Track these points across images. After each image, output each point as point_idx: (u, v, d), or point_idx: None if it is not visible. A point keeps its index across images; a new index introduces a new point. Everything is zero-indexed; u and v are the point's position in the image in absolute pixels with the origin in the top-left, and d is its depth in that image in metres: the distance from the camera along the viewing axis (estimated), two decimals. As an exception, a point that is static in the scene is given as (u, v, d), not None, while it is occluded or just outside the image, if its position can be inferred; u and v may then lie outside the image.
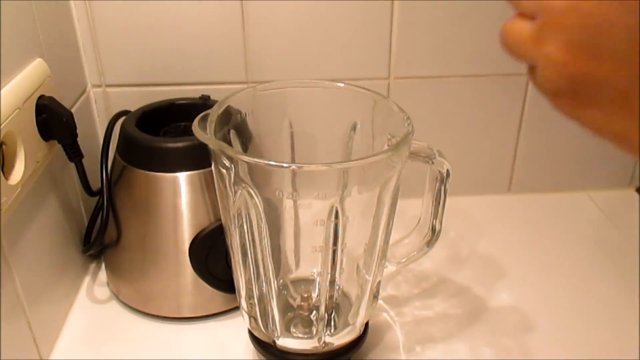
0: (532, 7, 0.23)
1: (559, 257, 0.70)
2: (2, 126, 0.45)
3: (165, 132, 0.63)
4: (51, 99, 0.53)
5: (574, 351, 0.57)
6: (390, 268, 0.54)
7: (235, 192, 0.45)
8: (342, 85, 0.51)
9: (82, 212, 0.66)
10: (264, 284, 0.49)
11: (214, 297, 0.60)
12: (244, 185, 0.44)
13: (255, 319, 0.51)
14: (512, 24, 0.26)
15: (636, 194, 0.83)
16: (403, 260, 0.54)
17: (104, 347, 0.58)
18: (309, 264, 0.54)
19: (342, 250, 0.47)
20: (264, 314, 0.50)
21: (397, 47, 0.70)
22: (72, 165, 0.58)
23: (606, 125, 0.24)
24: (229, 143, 0.50)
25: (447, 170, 0.49)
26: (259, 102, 0.52)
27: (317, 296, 0.52)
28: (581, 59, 0.22)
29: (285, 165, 0.42)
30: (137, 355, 0.56)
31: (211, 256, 0.57)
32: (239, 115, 0.51)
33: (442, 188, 0.50)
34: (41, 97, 0.53)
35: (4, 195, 0.46)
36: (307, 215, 0.46)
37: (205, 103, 0.64)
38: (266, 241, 0.46)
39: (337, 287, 0.51)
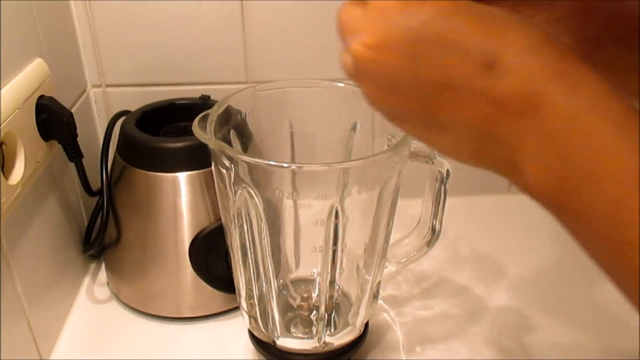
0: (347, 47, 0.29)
1: (558, 257, 0.70)
2: (2, 126, 0.45)
3: (165, 132, 0.63)
4: (51, 99, 0.53)
5: (573, 351, 0.57)
6: (390, 268, 0.54)
7: (235, 192, 0.45)
8: (342, 85, 0.51)
9: (82, 212, 0.66)
10: (264, 284, 0.49)
11: (214, 297, 0.60)
12: (244, 185, 0.44)
13: (255, 319, 0.51)
14: (343, 57, 0.30)
15: (636, 194, 0.83)
16: (403, 260, 0.54)
17: (104, 347, 0.58)
18: (309, 264, 0.54)
19: (342, 250, 0.47)
20: (264, 314, 0.50)
21: (397, 47, 0.69)
22: (72, 165, 0.58)
23: (435, 140, 0.29)
24: (229, 143, 0.50)
25: (447, 170, 0.49)
26: (259, 102, 0.52)
27: (317, 296, 0.52)
28: (387, 97, 0.28)
29: (285, 165, 0.42)
30: (137, 355, 0.56)
31: (211, 256, 0.57)
32: (239, 115, 0.51)
33: (442, 188, 0.50)
34: (41, 97, 0.53)
35: (4, 195, 0.46)
36: (307, 215, 0.46)
37: (205, 103, 0.64)
38: (266, 241, 0.46)
39: (337, 287, 0.51)
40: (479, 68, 0.25)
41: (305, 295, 0.53)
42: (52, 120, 0.53)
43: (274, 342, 0.51)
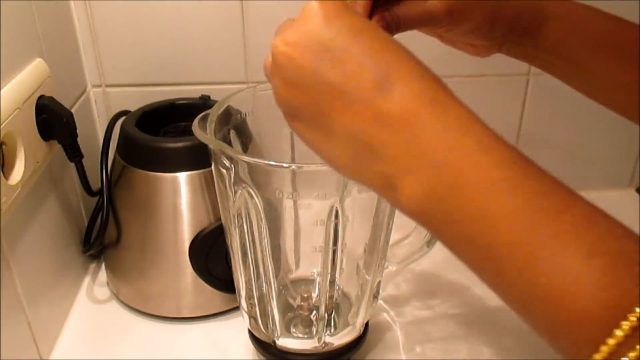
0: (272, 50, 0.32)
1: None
2: (2, 126, 0.45)
3: (165, 132, 0.63)
4: (51, 99, 0.53)
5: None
6: (390, 268, 0.54)
7: (235, 192, 0.45)
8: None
9: (82, 212, 0.66)
10: (264, 284, 0.49)
11: (214, 297, 0.60)
12: (244, 185, 0.44)
13: (255, 319, 0.51)
14: (267, 57, 0.34)
15: (636, 194, 0.83)
16: (403, 260, 0.54)
17: (104, 347, 0.58)
18: (309, 264, 0.54)
19: (342, 250, 0.47)
20: (264, 314, 0.50)
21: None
22: (72, 165, 0.58)
23: (321, 143, 0.32)
24: (229, 143, 0.50)
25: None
26: (259, 102, 0.52)
27: (317, 296, 0.52)
28: (290, 90, 0.31)
29: (285, 165, 0.42)
30: (137, 355, 0.56)
31: (211, 256, 0.57)
32: (239, 115, 0.51)
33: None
34: (41, 97, 0.53)
35: (4, 195, 0.46)
36: (307, 215, 0.46)
37: (205, 103, 0.64)
38: (266, 241, 0.46)
39: (337, 287, 0.51)
40: (371, 82, 0.29)
41: (305, 295, 0.53)
42: (52, 120, 0.53)
43: (274, 342, 0.51)
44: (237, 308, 0.61)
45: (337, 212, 0.44)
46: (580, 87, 0.46)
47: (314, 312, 0.53)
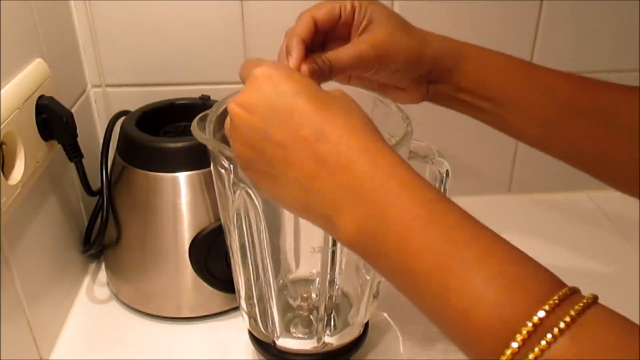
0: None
1: (558, 257, 0.70)
2: (2, 126, 0.45)
3: (165, 132, 0.63)
4: (51, 99, 0.53)
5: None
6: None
7: (234, 193, 0.45)
8: (341, 86, 0.51)
9: (82, 212, 0.66)
10: (264, 284, 0.49)
11: (214, 297, 0.60)
12: (242, 185, 0.44)
13: (255, 319, 0.51)
14: (227, 122, 0.38)
15: (636, 194, 0.83)
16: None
17: (104, 347, 0.58)
18: (309, 264, 0.54)
19: (341, 250, 0.47)
20: (264, 314, 0.50)
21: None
22: (72, 165, 0.58)
23: (273, 189, 0.36)
24: (228, 144, 0.49)
25: (447, 171, 0.49)
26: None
27: (317, 296, 0.52)
28: (244, 147, 0.36)
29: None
30: (137, 355, 0.57)
31: (211, 256, 0.57)
32: (239, 116, 0.51)
33: (442, 188, 0.50)
34: (41, 97, 0.53)
35: (4, 195, 0.46)
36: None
37: (205, 103, 0.64)
38: (266, 241, 0.46)
39: (337, 287, 0.51)
40: (310, 136, 0.33)
41: (305, 295, 0.53)
42: (52, 120, 0.53)
43: (274, 342, 0.51)
44: (237, 308, 0.61)
45: (336, 212, 0.44)
46: (500, 126, 0.50)
47: (314, 312, 0.53)
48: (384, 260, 0.32)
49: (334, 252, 0.46)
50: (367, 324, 0.54)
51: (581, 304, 0.27)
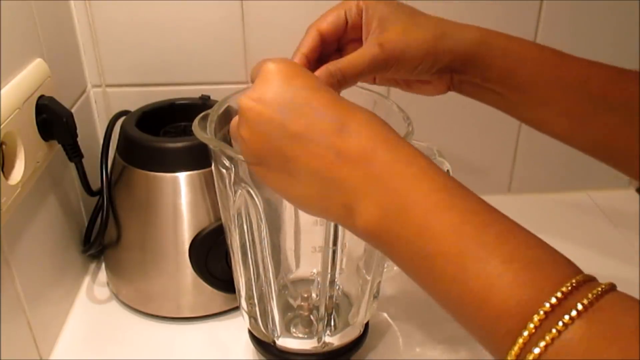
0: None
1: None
2: (2, 126, 0.45)
3: (165, 132, 0.63)
4: (51, 99, 0.53)
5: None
6: (390, 268, 0.54)
7: (235, 192, 0.45)
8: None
9: (82, 212, 0.66)
10: (264, 284, 0.49)
11: (214, 297, 0.60)
12: (244, 185, 0.44)
13: (255, 319, 0.51)
14: (233, 120, 0.39)
15: (636, 194, 0.83)
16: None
17: (104, 347, 0.58)
18: (309, 264, 0.54)
19: (342, 250, 0.47)
20: (264, 314, 0.50)
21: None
22: (72, 165, 0.58)
23: (285, 184, 0.36)
24: (229, 143, 0.49)
25: (447, 171, 0.49)
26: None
27: (317, 296, 0.52)
28: (257, 141, 0.36)
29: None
30: (137, 355, 0.56)
31: (211, 256, 0.57)
32: (239, 115, 0.51)
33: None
34: (41, 97, 0.53)
35: (4, 195, 0.46)
36: (307, 215, 0.46)
37: (205, 103, 0.64)
38: (266, 241, 0.46)
39: (337, 287, 0.51)
40: (331, 129, 0.34)
41: (305, 295, 0.53)
42: (52, 120, 0.53)
43: (274, 342, 0.51)
44: (237, 308, 0.61)
45: (337, 212, 0.44)
46: (525, 117, 0.49)
47: (314, 312, 0.53)
48: (402, 246, 0.32)
49: (334, 252, 0.46)
50: (367, 324, 0.54)
51: (599, 289, 0.27)
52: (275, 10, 0.68)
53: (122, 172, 0.59)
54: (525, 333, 0.27)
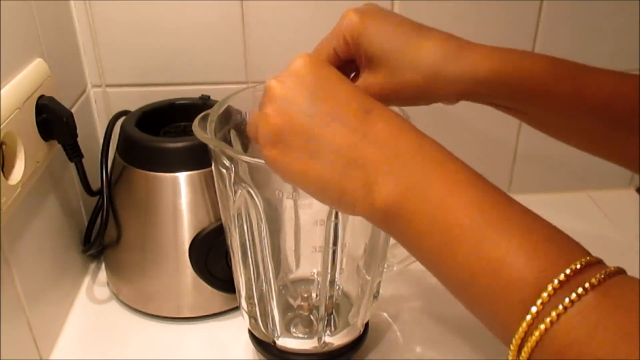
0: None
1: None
2: (2, 126, 0.45)
3: (165, 132, 0.63)
4: (51, 99, 0.53)
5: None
6: (390, 268, 0.54)
7: (235, 192, 0.45)
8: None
9: (82, 212, 0.66)
10: (264, 284, 0.49)
11: (214, 297, 0.60)
12: (244, 185, 0.44)
13: (255, 319, 0.51)
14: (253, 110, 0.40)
15: (636, 194, 0.83)
16: (403, 260, 0.54)
17: (104, 347, 0.58)
18: (309, 264, 0.54)
19: (342, 250, 0.47)
20: (264, 314, 0.50)
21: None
22: (72, 165, 0.58)
23: (302, 163, 0.36)
24: (229, 143, 0.50)
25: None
26: (259, 102, 0.52)
27: (317, 296, 0.52)
28: (280, 117, 0.36)
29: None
30: (137, 355, 0.56)
31: (211, 256, 0.57)
32: (239, 115, 0.51)
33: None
34: (41, 97, 0.53)
35: (4, 195, 0.46)
36: (307, 215, 0.46)
37: (205, 103, 0.64)
38: (266, 241, 0.46)
39: (337, 287, 0.51)
40: (359, 112, 0.35)
41: (305, 295, 0.53)
42: (52, 120, 0.53)
43: (274, 342, 0.51)
44: (237, 308, 0.61)
45: (337, 212, 0.44)
46: (541, 129, 0.48)
47: (314, 312, 0.53)
48: (420, 220, 0.33)
49: (334, 252, 0.46)
50: (367, 324, 0.54)
51: (611, 268, 0.28)
52: (275, 10, 0.68)
53: (122, 172, 0.59)
54: (539, 302, 0.27)
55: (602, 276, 0.27)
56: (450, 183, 0.32)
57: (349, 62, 0.45)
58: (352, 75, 0.45)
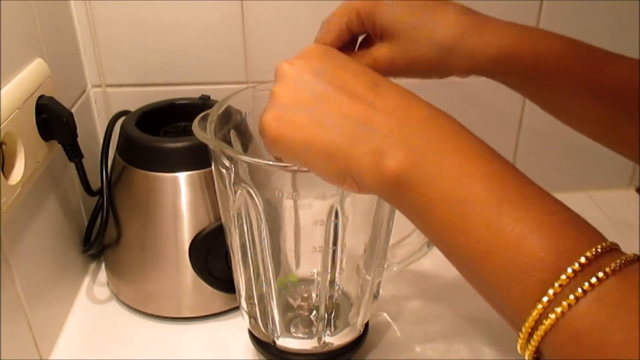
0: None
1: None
2: (2, 126, 0.45)
3: (165, 132, 0.63)
4: (51, 99, 0.53)
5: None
6: (390, 268, 0.54)
7: (235, 192, 0.45)
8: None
9: (82, 212, 0.66)
10: (264, 284, 0.49)
11: (214, 297, 0.60)
12: (244, 185, 0.44)
13: (255, 319, 0.51)
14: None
15: (636, 194, 0.83)
16: (403, 260, 0.54)
17: (104, 347, 0.58)
18: (309, 264, 0.54)
19: (342, 250, 0.47)
20: (264, 314, 0.50)
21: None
22: (72, 165, 0.58)
23: (308, 129, 0.34)
24: (229, 143, 0.50)
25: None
26: (259, 102, 0.52)
27: (317, 296, 0.52)
28: (287, 93, 0.36)
29: (285, 165, 0.42)
30: (137, 355, 0.56)
31: (211, 256, 0.57)
32: (239, 115, 0.51)
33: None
34: (41, 97, 0.52)
35: (4, 195, 0.46)
36: (307, 215, 0.46)
37: (205, 103, 0.64)
38: (266, 241, 0.46)
39: (337, 287, 0.51)
40: (367, 85, 0.35)
41: (305, 295, 0.53)
42: (52, 120, 0.53)
43: (274, 342, 0.51)
44: (237, 308, 0.61)
45: (337, 212, 0.44)
46: (551, 112, 0.46)
47: (314, 312, 0.53)
48: (434, 191, 0.31)
49: (334, 252, 0.46)
50: (367, 324, 0.54)
51: (631, 255, 0.27)
52: (275, 10, 0.68)
53: (122, 172, 0.59)
54: (558, 284, 0.26)
55: (622, 262, 0.26)
56: (467, 154, 0.31)
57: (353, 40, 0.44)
58: (357, 46, 0.45)
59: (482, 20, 0.42)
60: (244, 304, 0.52)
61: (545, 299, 0.27)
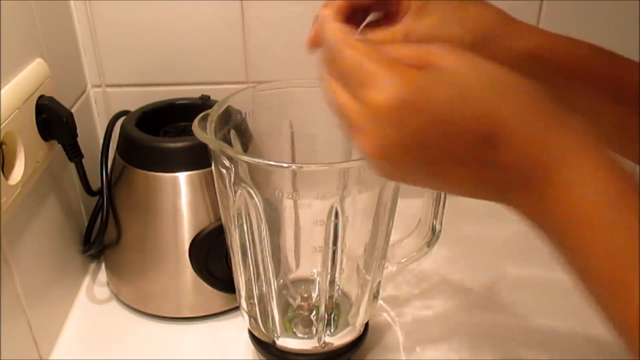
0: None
1: (559, 257, 0.70)
2: (2, 126, 0.45)
3: (165, 132, 0.63)
4: (51, 99, 0.53)
5: (574, 351, 0.57)
6: (390, 268, 0.54)
7: (235, 192, 0.45)
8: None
9: (82, 212, 0.66)
10: (264, 284, 0.49)
11: (214, 297, 0.60)
12: (244, 185, 0.44)
13: (255, 319, 0.51)
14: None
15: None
16: (403, 260, 0.54)
17: (104, 347, 0.58)
18: (309, 264, 0.54)
19: (342, 250, 0.47)
20: (264, 314, 0.50)
21: (397, 47, 0.69)
22: (72, 165, 0.58)
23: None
24: (229, 143, 0.50)
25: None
26: (259, 102, 0.52)
27: (317, 296, 0.52)
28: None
29: (285, 165, 0.42)
30: (137, 355, 0.56)
31: (211, 256, 0.57)
32: (239, 115, 0.51)
33: (443, 188, 0.50)
34: (41, 97, 0.52)
35: (4, 195, 0.46)
36: (307, 215, 0.46)
37: (205, 103, 0.64)
38: (266, 241, 0.46)
39: (337, 287, 0.51)
40: (476, 141, 0.30)
41: (305, 295, 0.53)
42: (52, 120, 0.53)
43: (274, 342, 0.51)
44: (237, 308, 0.61)
45: (337, 212, 0.44)
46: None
47: (314, 312, 0.53)
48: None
49: (334, 252, 0.46)
50: (367, 324, 0.54)
51: None
52: (275, 10, 0.68)
53: (122, 172, 0.59)
54: None
55: None
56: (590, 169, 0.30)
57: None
58: (368, 19, 0.42)
59: (515, 19, 0.41)
60: (244, 304, 0.52)
61: None
